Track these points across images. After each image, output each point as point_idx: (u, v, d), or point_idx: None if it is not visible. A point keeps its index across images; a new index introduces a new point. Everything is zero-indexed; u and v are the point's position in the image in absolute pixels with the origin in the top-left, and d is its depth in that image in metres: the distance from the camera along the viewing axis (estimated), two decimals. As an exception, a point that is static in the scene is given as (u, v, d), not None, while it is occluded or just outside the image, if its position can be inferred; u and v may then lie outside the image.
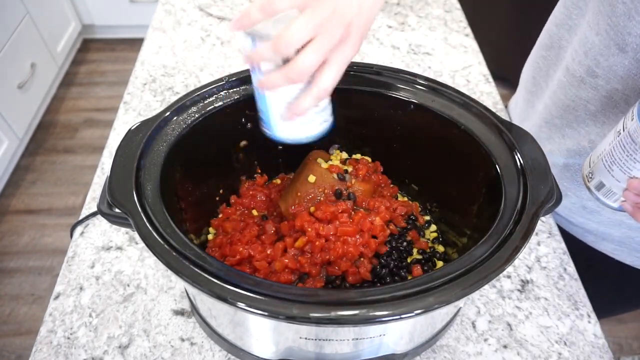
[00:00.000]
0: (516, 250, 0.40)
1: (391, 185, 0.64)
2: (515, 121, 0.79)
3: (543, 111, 0.67)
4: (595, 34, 0.55)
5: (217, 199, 0.62)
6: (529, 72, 0.74)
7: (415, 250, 0.57)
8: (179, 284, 0.62)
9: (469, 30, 1.08)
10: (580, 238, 0.70)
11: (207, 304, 0.50)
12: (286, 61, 0.40)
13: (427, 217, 0.63)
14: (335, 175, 0.58)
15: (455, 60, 0.99)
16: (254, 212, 0.60)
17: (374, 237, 0.54)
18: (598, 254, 0.69)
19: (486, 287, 0.63)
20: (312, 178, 0.57)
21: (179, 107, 0.52)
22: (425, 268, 0.54)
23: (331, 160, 0.62)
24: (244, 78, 0.56)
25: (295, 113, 0.43)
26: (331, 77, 0.41)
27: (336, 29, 0.39)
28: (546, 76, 0.68)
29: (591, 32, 0.55)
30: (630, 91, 0.53)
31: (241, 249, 0.52)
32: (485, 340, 0.58)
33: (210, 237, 0.59)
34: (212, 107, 0.54)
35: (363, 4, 0.40)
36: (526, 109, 0.74)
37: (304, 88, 0.43)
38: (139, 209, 0.42)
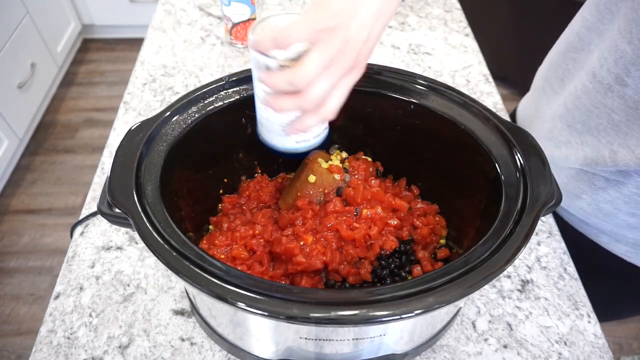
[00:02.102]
0: (516, 250, 0.40)
1: (394, 184, 0.64)
2: (528, 120, 0.77)
3: (564, 114, 0.65)
4: (627, 43, 0.54)
5: (217, 198, 0.62)
6: (549, 71, 0.72)
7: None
8: (179, 284, 0.62)
9: (469, 30, 1.08)
10: (593, 239, 0.69)
11: (207, 304, 0.50)
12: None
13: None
14: (336, 176, 0.58)
15: (455, 60, 0.99)
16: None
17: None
18: (610, 255, 0.68)
19: (486, 287, 0.63)
20: (312, 178, 0.57)
21: (179, 107, 0.52)
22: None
23: (331, 160, 0.62)
24: (244, 78, 0.56)
25: (298, 130, 0.44)
26: (338, 101, 0.42)
27: (347, 60, 0.40)
28: (569, 77, 0.66)
29: (623, 40, 0.54)
30: None
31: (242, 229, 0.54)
32: (486, 340, 0.58)
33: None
34: (212, 107, 0.54)
35: (372, 32, 0.40)
36: (542, 108, 0.73)
37: None
38: (139, 209, 0.42)
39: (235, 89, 0.56)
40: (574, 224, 0.71)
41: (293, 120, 0.44)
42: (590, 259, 0.68)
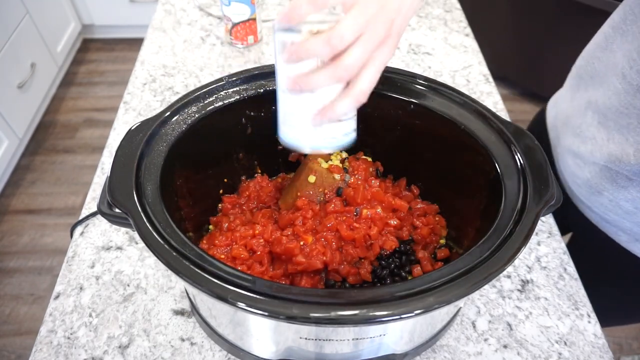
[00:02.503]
0: (516, 250, 0.40)
1: (394, 184, 0.64)
2: (557, 116, 0.76)
3: (594, 112, 0.65)
4: None
5: (217, 198, 0.62)
6: (579, 68, 0.71)
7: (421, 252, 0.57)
8: (179, 284, 0.62)
9: (469, 30, 1.08)
10: (613, 237, 0.69)
11: (207, 304, 0.50)
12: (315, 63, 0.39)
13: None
14: (336, 176, 0.58)
15: (455, 60, 0.99)
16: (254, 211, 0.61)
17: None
18: (629, 255, 0.67)
19: (486, 287, 0.63)
20: (312, 178, 0.57)
21: (179, 107, 0.52)
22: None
23: (331, 160, 0.62)
24: (244, 78, 0.56)
25: (329, 117, 0.41)
26: (371, 78, 0.40)
27: (381, 27, 0.38)
28: (598, 76, 0.66)
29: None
30: None
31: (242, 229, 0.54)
32: (486, 340, 0.58)
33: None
34: (212, 107, 0.54)
35: (403, 4, 0.40)
36: (573, 105, 0.72)
37: (340, 91, 0.41)
38: (139, 209, 0.42)
39: (235, 89, 0.56)
40: (594, 220, 0.70)
41: (325, 107, 0.41)
42: (607, 258, 0.68)
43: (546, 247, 0.67)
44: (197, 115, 0.52)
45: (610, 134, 0.62)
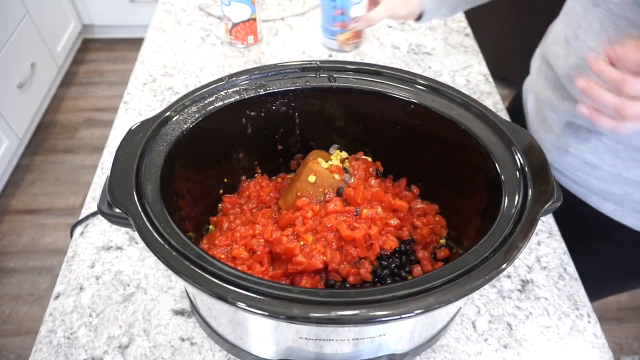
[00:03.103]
0: (516, 250, 0.40)
1: (394, 184, 0.64)
2: (529, 92, 0.81)
3: (560, 34, 0.69)
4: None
5: (217, 198, 0.62)
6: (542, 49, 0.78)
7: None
8: (179, 284, 0.62)
9: (469, 30, 1.08)
10: (584, 199, 0.71)
11: (207, 303, 0.50)
12: None
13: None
14: (336, 176, 0.58)
15: (455, 60, 0.99)
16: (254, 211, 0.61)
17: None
18: (601, 216, 0.70)
19: (486, 287, 0.63)
20: (312, 178, 0.57)
21: (179, 107, 0.52)
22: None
23: (331, 160, 0.62)
24: (244, 78, 0.56)
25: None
26: None
27: None
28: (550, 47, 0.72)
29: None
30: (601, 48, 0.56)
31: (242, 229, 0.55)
32: (486, 340, 0.58)
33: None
34: (212, 107, 0.54)
35: None
36: (537, 79, 0.78)
37: None
38: (139, 209, 0.42)
39: (235, 89, 0.56)
40: (565, 184, 0.73)
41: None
42: (585, 223, 0.71)
43: (546, 247, 0.67)
44: (197, 115, 0.52)
45: (564, 94, 0.66)
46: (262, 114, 0.58)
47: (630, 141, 0.60)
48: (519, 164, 0.48)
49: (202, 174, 0.58)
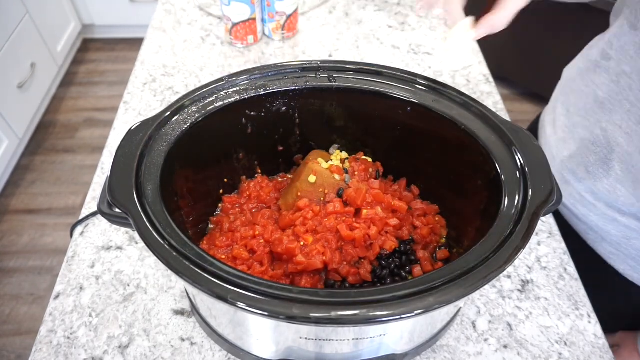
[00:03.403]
0: (516, 250, 0.40)
1: (394, 183, 0.64)
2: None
3: (561, 97, 0.69)
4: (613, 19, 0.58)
5: (217, 198, 0.62)
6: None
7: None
8: (179, 284, 0.62)
9: (469, 30, 1.07)
10: (583, 236, 0.70)
11: (207, 304, 0.50)
12: None
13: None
14: (336, 176, 0.58)
15: (455, 60, 0.99)
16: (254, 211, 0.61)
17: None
18: (596, 257, 0.68)
19: (486, 287, 0.63)
20: (312, 178, 0.57)
21: (179, 107, 0.52)
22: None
23: (331, 160, 0.62)
24: (244, 78, 0.56)
25: None
26: None
27: None
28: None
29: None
30: (636, 74, 0.54)
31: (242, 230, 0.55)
32: (486, 340, 0.58)
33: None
34: (212, 107, 0.54)
35: None
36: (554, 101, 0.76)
37: None
38: (139, 209, 0.42)
39: (235, 89, 0.56)
40: (567, 216, 0.72)
41: None
42: (588, 262, 0.68)
43: (546, 247, 0.67)
44: (197, 115, 0.52)
45: (574, 119, 0.66)
46: (262, 114, 0.58)
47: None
48: (519, 164, 0.48)
49: (202, 174, 0.58)
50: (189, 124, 0.52)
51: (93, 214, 0.68)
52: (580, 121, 0.64)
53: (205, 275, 0.37)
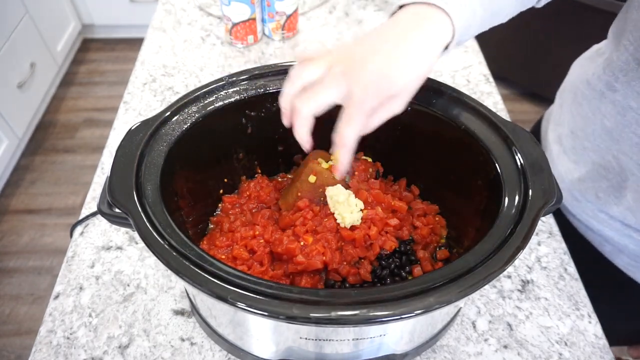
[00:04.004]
0: (517, 250, 0.40)
1: (394, 183, 0.64)
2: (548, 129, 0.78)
3: (570, 121, 0.67)
4: (614, 50, 0.55)
5: (217, 198, 0.62)
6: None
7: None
8: (179, 284, 0.62)
9: (469, 30, 1.07)
10: (599, 248, 0.68)
11: (207, 304, 0.50)
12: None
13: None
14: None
15: (455, 60, 0.99)
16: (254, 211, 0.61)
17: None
18: (613, 268, 0.67)
19: (486, 287, 0.63)
20: (312, 178, 0.57)
21: (179, 107, 0.52)
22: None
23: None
24: (244, 78, 0.56)
25: None
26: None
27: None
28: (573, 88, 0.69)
29: (611, 48, 0.56)
30: None
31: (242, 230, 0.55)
32: (486, 340, 0.58)
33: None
34: (212, 107, 0.54)
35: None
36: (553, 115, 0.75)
37: None
38: (139, 209, 0.42)
39: (235, 89, 0.55)
40: (580, 229, 0.70)
41: None
42: (599, 271, 0.67)
43: (546, 247, 0.67)
44: (197, 115, 0.52)
45: (584, 143, 0.65)
46: (262, 114, 0.58)
47: None
48: (519, 164, 0.48)
49: (202, 174, 0.58)
50: (189, 124, 0.52)
51: (93, 214, 0.68)
52: (590, 146, 0.63)
53: (205, 275, 0.37)
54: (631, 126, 0.56)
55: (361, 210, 0.54)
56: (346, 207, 0.53)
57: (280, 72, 0.57)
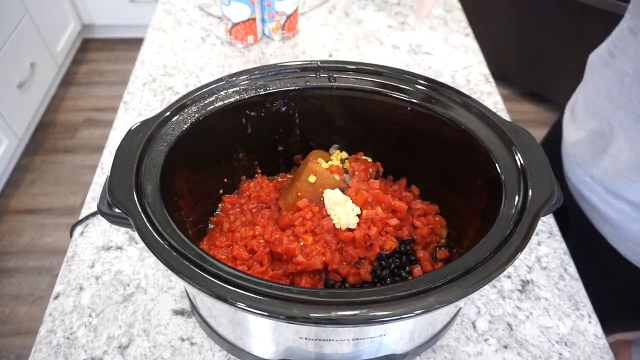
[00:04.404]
0: (517, 250, 0.40)
1: (393, 183, 0.64)
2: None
3: (583, 89, 0.71)
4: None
5: (217, 198, 0.62)
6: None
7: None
8: (179, 284, 0.62)
9: (469, 30, 1.08)
10: (588, 216, 0.71)
11: (207, 304, 0.50)
12: None
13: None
14: (336, 176, 0.58)
15: (455, 60, 0.99)
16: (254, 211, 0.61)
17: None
18: (598, 238, 0.70)
19: (486, 287, 0.63)
20: (312, 178, 0.57)
21: (179, 107, 0.52)
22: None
23: (331, 160, 0.62)
24: (244, 78, 0.56)
25: None
26: None
27: None
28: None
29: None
30: (637, 76, 0.57)
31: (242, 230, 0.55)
32: (486, 340, 0.58)
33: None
34: (212, 107, 0.54)
35: None
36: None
37: None
38: (139, 209, 0.42)
39: (235, 89, 0.55)
40: (575, 195, 0.73)
41: None
42: (581, 239, 0.71)
43: (546, 247, 0.67)
44: (197, 115, 0.52)
45: (589, 114, 0.68)
46: (262, 114, 0.58)
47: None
48: (519, 164, 0.48)
49: (202, 174, 0.58)
50: (189, 124, 0.52)
51: (93, 214, 0.68)
52: (593, 112, 0.66)
53: (205, 275, 0.37)
54: (627, 91, 0.59)
55: (357, 215, 0.54)
56: (342, 208, 0.53)
57: (280, 72, 0.57)
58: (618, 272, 0.71)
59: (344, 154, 0.64)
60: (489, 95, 0.91)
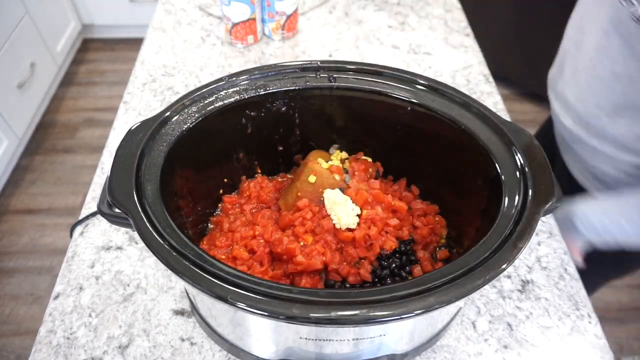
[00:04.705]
0: (516, 250, 0.40)
1: (393, 183, 0.64)
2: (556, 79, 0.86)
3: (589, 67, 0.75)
4: None
5: (217, 198, 0.62)
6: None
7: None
8: (179, 284, 0.62)
9: (469, 30, 1.08)
10: (558, 141, 0.79)
11: (207, 304, 0.50)
12: None
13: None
14: (336, 176, 0.58)
15: (455, 60, 0.99)
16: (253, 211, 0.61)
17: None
18: (573, 179, 0.77)
19: (486, 287, 0.63)
20: (312, 178, 0.57)
21: (179, 107, 0.52)
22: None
23: (331, 160, 0.62)
24: (244, 78, 0.56)
25: None
26: None
27: None
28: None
29: None
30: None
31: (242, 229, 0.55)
32: (486, 340, 0.58)
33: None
34: (212, 107, 0.54)
35: None
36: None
37: None
38: (139, 209, 0.42)
39: (235, 89, 0.55)
40: (557, 127, 0.79)
41: None
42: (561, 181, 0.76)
43: (546, 247, 0.67)
44: (197, 115, 0.52)
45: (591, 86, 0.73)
46: (262, 114, 0.58)
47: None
48: (519, 164, 0.48)
49: (202, 174, 0.58)
50: (189, 124, 0.52)
51: (93, 214, 0.68)
52: (567, 39, 0.78)
53: (205, 275, 0.37)
54: (587, 16, 0.69)
55: (357, 215, 0.54)
56: (342, 208, 0.53)
57: (280, 72, 0.57)
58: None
59: (344, 154, 0.64)
60: (489, 95, 0.91)
